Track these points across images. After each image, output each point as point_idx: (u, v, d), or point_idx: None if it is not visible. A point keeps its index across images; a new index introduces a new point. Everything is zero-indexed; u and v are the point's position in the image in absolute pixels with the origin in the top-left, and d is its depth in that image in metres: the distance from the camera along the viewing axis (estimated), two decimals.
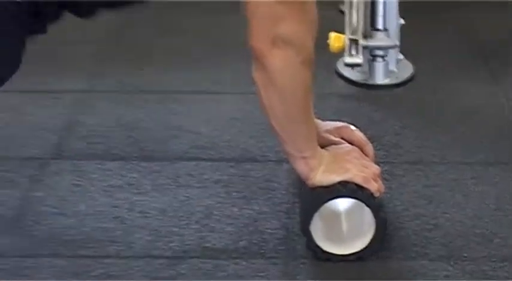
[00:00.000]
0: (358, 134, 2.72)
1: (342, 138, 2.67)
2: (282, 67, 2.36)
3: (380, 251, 2.52)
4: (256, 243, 2.62)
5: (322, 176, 2.49)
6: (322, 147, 2.57)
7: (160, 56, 4.05)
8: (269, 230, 2.68)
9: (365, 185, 2.49)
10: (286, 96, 2.42)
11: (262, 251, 2.58)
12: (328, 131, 2.67)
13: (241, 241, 2.63)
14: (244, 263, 2.52)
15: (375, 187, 2.51)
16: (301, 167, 2.52)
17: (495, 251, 2.56)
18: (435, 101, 3.57)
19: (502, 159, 3.10)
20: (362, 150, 2.66)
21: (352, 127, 2.73)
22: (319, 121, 2.64)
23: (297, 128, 2.49)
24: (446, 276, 2.45)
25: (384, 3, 3.64)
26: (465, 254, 2.55)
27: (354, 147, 2.64)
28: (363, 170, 2.52)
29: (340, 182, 2.48)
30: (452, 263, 2.51)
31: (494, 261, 2.52)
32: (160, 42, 4.17)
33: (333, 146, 2.62)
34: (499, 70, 3.78)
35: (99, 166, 3.08)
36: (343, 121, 2.75)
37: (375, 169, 2.57)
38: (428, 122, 3.41)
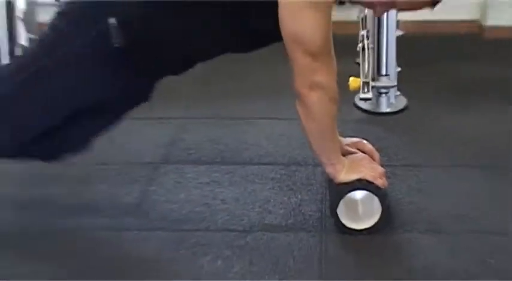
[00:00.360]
0: (369, 146, 2.73)
1: (358, 149, 2.69)
2: (316, 103, 2.41)
3: (385, 227, 2.56)
4: (300, 221, 2.66)
5: (344, 175, 2.53)
6: (344, 155, 2.60)
7: (236, 95, 4.04)
8: (309, 213, 2.72)
9: (374, 181, 2.52)
10: (319, 123, 2.47)
11: (304, 227, 2.62)
12: (348, 145, 2.68)
13: (289, 219, 2.67)
14: (291, 235, 2.56)
15: (381, 182, 2.54)
16: (330, 170, 2.56)
17: (466, 227, 2.60)
18: (423, 124, 3.57)
19: (472, 163, 3.11)
20: (371, 157, 2.68)
21: (364, 141, 2.75)
22: (341, 138, 2.65)
23: (327, 144, 2.54)
24: (433, 243, 2.49)
25: (386, 57, 3.67)
26: (444, 229, 2.59)
27: (365, 155, 2.66)
28: (372, 171, 2.55)
29: (356, 180, 2.52)
30: (435, 235, 2.55)
31: (465, 233, 2.55)
32: (233, 85, 4.18)
33: (352, 155, 2.63)
34: (469, 104, 3.77)
35: (194, 168, 3.10)
36: (358, 137, 2.77)
37: (381, 170, 2.59)
38: (418, 137, 3.42)
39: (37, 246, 2.58)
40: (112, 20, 2.33)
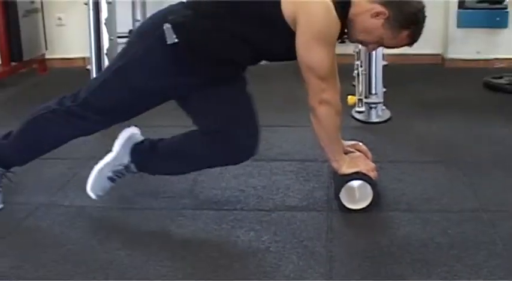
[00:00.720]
0: (363, 147, 2.70)
1: (355, 149, 2.65)
2: (325, 115, 2.42)
3: (374, 207, 2.52)
4: (312, 203, 2.63)
5: (345, 169, 2.51)
6: (345, 154, 2.57)
7: (262, 108, 4.00)
8: (318, 196, 2.69)
9: (368, 174, 2.51)
10: (327, 130, 2.47)
11: (315, 207, 2.60)
12: (348, 146, 2.64)
13: (304, 201, 2.65)
14: (306, 213, 2.54)
15: (373, 174, 2.52)
16: (334, 164, 2.54)
17: (433, 207, 2.58)
18: (402, 130, 3.56)
19: (437, 159, 3.09)
20: (366, 155, 2.65)
21: (360, 143, 2.71)
22: (343, 141, 2.61)
23: (333, 145, 2.52)
24: (409, 219, 2.46)
25: (375, 80, 3.69)
26: (417, 208, 2.56)
27: (361, 154, 2.63)
28: (366, 166, 2.53)
29: (354, 172, 2.50)
30: (411, 213, 2.52)
31: (432, 212, 2.53)
32: (260, 100, 4.19)
33: (351, 154, 2.60)
34: (434, 116, 3.78)
35: None
36: (355, 141, 2.74)
37: (373, 165, 2.57)
38: (398, 141, 3.40)
39: (113, 220, 2.58)
40: (167, 25, 2.33)
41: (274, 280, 2.07)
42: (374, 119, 3.72)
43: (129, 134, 2.66)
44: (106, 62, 3.88)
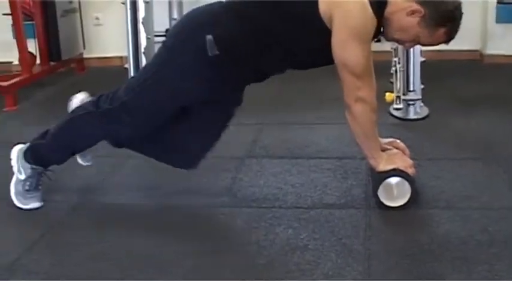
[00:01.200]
0: (401, 144, 2.69)
1: (393, 146, 2.64)
2: (360, 113, 2.42)
3: (413, 204, 2.50)
4: (350, 200, 2.62)
5: (383, 166, 2.50)
6: (383, 151, 2.57)
7: (301, 106, 4.08)
8: (356, 194, 2.68)
9: (405, 170, 2.49)
10: (363, 127, 2.46)
11: (353, 204, 2.59)
12: (386, 143, 2.64)
13: (342, 199, 2.64)
14: (344, 211, 2.53)
15: (411, 171, 2.51)
16: (372, 162, 2.54)
17: (472, 204, 2.55)
18: (440, 127, 3.54)
19: (476, 156, 3.06)
20: (403, 152, 2.64)
21: (398, 141, 2.71)
22: (381, 138, 2.60)
23: (370, 143, 2.51)
24: (449, 216, 2.44)
25: (413, 77, 3.67)
26: (457, 205, 2.54)
27: (399, 151, 2.62)
28: (404, 163, 2.52)
29: (392, 169, 2.49)
30: (451, 210, 2.50)
31: (471, 209, 2.50)
32: (299, 99, 4.21)
33: (389, 151, 2.59)
34: (473, 112, 3.75)
35: (270, 161, 3.09)
36: (393, 138, 2.73)
37: (410, 162, 2.55)
38: (437, 137, 3.38)
39: (152, 218, 2.59)
40: (209, 37, 2.34)
41: (312, 277, 2.08)
42: (412, 116, 3.70)
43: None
44: (143, 61, 3.91)
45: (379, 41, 2.50)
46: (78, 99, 2.72)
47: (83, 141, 2.68)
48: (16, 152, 2.72)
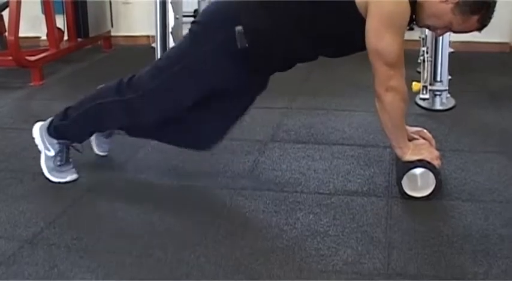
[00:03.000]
0: (428, 134, 2.68)
1: (420, 136, 2.64)
2: (390, 101, 2.40)
3: (436, 196, 2.49)
4: (372, 188, 2.62)
5: (409, 156, 2.49)
6: (410, 140, 2.55)
7: (326, 92, 4.06)
8: (379, 182, 2.67)
9: (431, 162, 2.48)
10: (392, 117, 2.44)
11: (375, 193, 2.58)
12: (413, 132, 2.63)
13: (364, 187, 2.63)
14: (365, 198, 2.52)
15: (436, 163, 2.50)
16: (398, 151, 2.53)
17: (495, 197, 2.52)
18: (466, 119, 3.51)
19: (501, 150, 3.02)
20: (429, 143, 2.63)
21: (425, 130, 2.70)
22: (408, 127, 2.60)
23: (397, 132, 2.50)
24: (471, 209, 2.42)
25: (441, 67, 3.63)
26: (480, 198, 2.52)
27: (426, 141, 2.62)
28: (430, 154, 2.51)
29: (418, 160, 2.48)
30: (473, 202, 2.48)
31: (494, 202, 2.48)
32: (324, 85, 4.20)
33: (415, 141, 2.59)
34: (500, 105, 3.71)
35: (293, 146, 3.09)
36: (420, 127, 2.73)
37: (437, 153, 2.54)
38: (462, 129, 3.34)
39: (174, 197, 2.60)
40: (239, 28, 2.34)
41: (332, 263, 2.07)
42: (438, 106, 3.68)
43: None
44: (171, 41, 3.91)
45: (412, 29, 2.49)
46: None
47: (105, 126, 2.78)
48: (38, 130, 2.75)
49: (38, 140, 2.73)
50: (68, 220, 2.40)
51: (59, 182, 2.71)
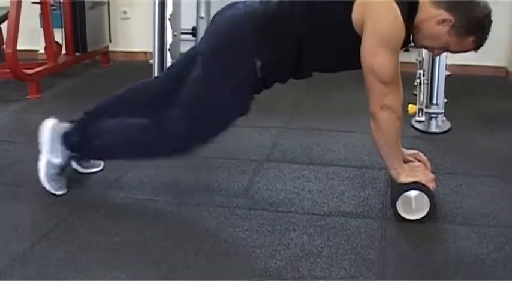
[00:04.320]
0: (423, 157, 2.68)
1: (415, 158, 2.64)
2: (385, 121, 2.40)
3: (430, 218, 2.48)
4: (366, 210, 2.60)
5: (404, 178, 2.48)
6: (405, 162, 2.55)
7: (321, 113, 4.05)
8: (373, 204, 2.66)
9: (426, 184, 2.47)
10: (387, 136, 2.45)
11: (369, 214, 2.57)
12: (408, 155, 2.63)
13: (359, 208, 2.62)
14: (360, 220, 2.51)
15: (431, 185, 2.49)
16: (393, 172, 2.52)
17: (489, 222, 2.51)
18: (461, 142, 3.50)
19: (495, 174, 3.01)
20: (425, 165, 2.63)
21: (420, 153, 2.70)
22: (403, 149, 2.60)
23: (392, 152, 2.50)
24: (465, 233, 2.41)
25: (437, 90, 3.64)
26: (474, 222, 2.51)
27: (421, 164, 2.61)
28: (425, 177, 2.50)
29: (413, 182, 2.47)
30: (468, 226, 2.46)
31: (488, 226, 2.47)
32: (320, 106, 4.19)
33: (411, 163, 2.58)
34: (495, 129, 3.71)
35: (288, 166, 3.08)
36: (415, 149, 2.73)
37: (432, 176, 2.53)
38: (457, 152, 3.33)
39: (168, 214, 2.59)
40: (259, 63, 2.41)
41: None
42: (434, 129, 3.68)
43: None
44: (169, 58, 3.92)
45: (407, 50, 2.50)
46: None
47: (124, 158, 2.82)
48: (50, 131, 2.71)
49: (45, 139, 2.71)
50: (60, 235, 2.38)
51: (50, 192, 2.69)
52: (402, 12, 2.31)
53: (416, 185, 2.47)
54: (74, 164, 2.88)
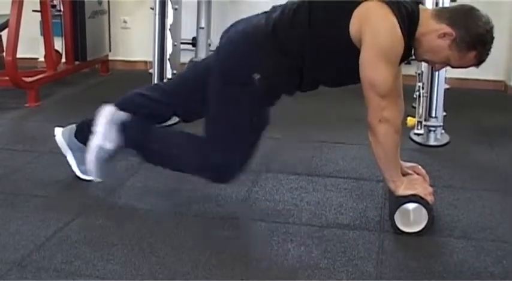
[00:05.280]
0: (422, 170, 2.67)
1: (414, 171, 2.64)
2: (384, 133, 2.41)
3: (426, 232, 2.48)
4: (364, 222, 2.60)
5: (403, 191, 2.48)
6: (403, 175, 2.55)
7: (320, 125, 4.06)
8: (371, 216, 2.66)
9: (424, 197, 2.47)
10: (385, 149, 2.45)
11: (367, 227, 2.57)
12: (407, 167, 2.63)
13: (356, 220, 2.62)
14: (357, 232, 2.51)
15: (430, 198, 2.49)
16: (391, 185, 2.52)
17: (487, 236, 2.51)
18: (460, 156, 3.50)
19: (494, 188, 3.02)
20: (423, 178, 2.62)
21: (419, 166, 2.70)
22: (402, 162, 2.60)
23: (390, 165, 2.50)
24: (463, 246, 2.41)
25: (436, 103, 3.65)
26: (472, 236, 2.50)
27: (420, 177, 2.61)
28: (424, 189, 2.50)
29: (411, 195, 2.47)
30: (465, 240, 2.46)
31: (486, 240, 2.46)
32: (319, 118, 4.19)
33: (409, 176, 2.58)
34: (494, 143, 3.71)
35: (287, 177, 3.08)
36: (413, 162, 2.73)
37: (430, 189, 2.53)
38: (455, 166, 3.33)
39: (165, 224, 2.58)
40: (257, 76, 2.43)
41: None
42: (432, 142, 3.68)
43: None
44: (168, 67, 3.93)
45: (409, 63, 2.50)
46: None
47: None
48: (111, 115, 2.69)
49: (102, 121, 2.67)
50: (57, 243, 2.38)
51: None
52: (401, 25, 2.32)
53: (414, 198, 2.47)
54: (74, 167, 2.87)
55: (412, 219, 2.47)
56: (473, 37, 2.36)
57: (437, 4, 3.60)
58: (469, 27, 2.36)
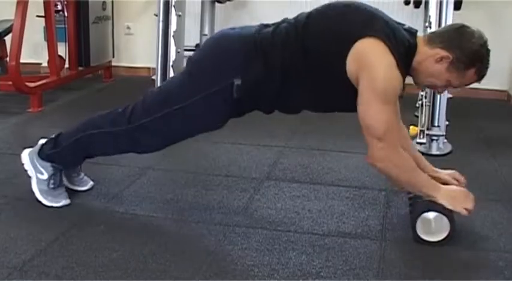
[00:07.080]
0: (460, 177, 2.72)
1: (453, 178, 2.69)
2: (384, 169, 2.44)
3: (427, 242, 2.48)
4: (366, 231, 2.60)
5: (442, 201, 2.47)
6: (445, 184, 2.55)
7: (323, 133, 4.05)
8: (373, 225, 2.65)
9: (468, 209, 2.47)
10: (395, 177, 2.47)
11: (369, 235, 2.56)
12: (446, 174, 2.69)
13: (358, 229, 2.62)
14: (359, 241, 2.51)
15: (462, 211, 2.47)
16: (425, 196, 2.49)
17: (490, 246, 2.50)
18: (462, 165, 3.37)
19: (496, 198, 3.02)
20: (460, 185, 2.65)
21: (457, 173, 2.75)
22: (438, 169, 2.70)
23: (412, 184, 2.49)
24: (464, 256, 2.41)
25: (438, 112, 3.66)
26: (473, 246, 2.50)
27: (464, 189, 2.57)
28: (467, 204, 2.49)
29: (443, 208, 2.46)
30: (467, 250, 2.46)
31: (489, 251, 2.46)
32: (321, 126, 4.18)
33: (452, 187, 2.56)
34: (496, 152, 3.71)
35: (288, 185, 3.08)
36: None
37: (471, 204, 2.50)
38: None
39: (166, 231, 2.59)
40: (237, 81, 2.40)
41: None
42: (434, 151, 3.68)
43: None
44: (171, 74, 3.94)
45: (401, 97, 2.45)
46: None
47: (98, 153, 2.80)
48: (27, 155, 2.78)
49: (28, 166, 2.76)
50: (59, 248, 2.38)
51: (52, 206, 2.71)
52: (398, 61, 2.30)
53: (438, 207, 2.45)
54: (65, 182, 2.87)
55: (433, 228, 2.47)
56: (470, 55, 2.37)
57: (440, 10, 3.62)
58: (463, 47, 2.37)
